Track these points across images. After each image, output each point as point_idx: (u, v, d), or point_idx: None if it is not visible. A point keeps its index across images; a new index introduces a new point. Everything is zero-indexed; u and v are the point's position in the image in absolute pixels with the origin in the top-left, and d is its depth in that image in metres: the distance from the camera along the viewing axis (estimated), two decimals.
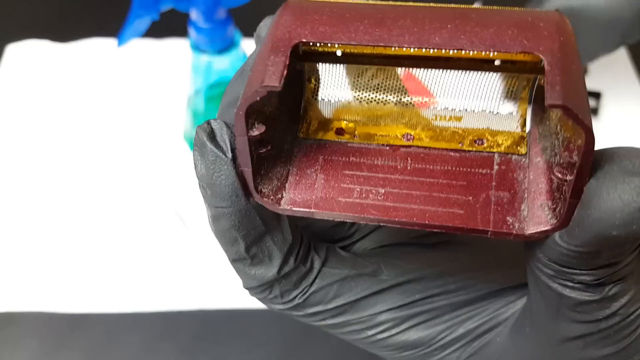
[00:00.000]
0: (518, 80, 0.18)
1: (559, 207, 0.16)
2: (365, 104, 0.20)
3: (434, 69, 0.18)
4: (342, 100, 0.20)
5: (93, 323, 0.48)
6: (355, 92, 0.20)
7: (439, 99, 0.19)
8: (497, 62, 0.18)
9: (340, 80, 0.20)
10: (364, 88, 0.20)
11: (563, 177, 0.16)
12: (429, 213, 0.17)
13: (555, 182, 0.16)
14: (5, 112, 0.61)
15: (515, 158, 0.18)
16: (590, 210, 0.15)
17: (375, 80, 0.19)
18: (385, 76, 0.19)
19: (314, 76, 0.20)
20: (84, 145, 0.58)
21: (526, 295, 0.21)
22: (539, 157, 0.18)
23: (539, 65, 0.17)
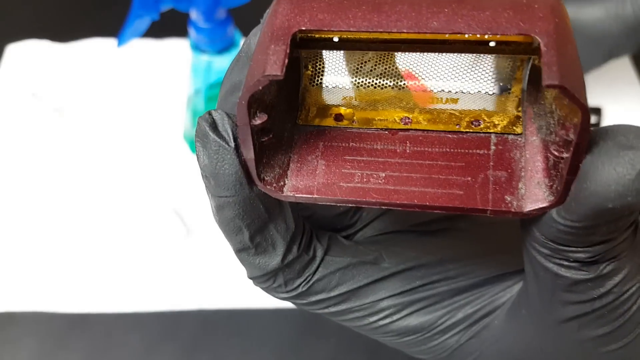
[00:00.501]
0: (512, 61, 0.18)
1: (555, 184, 0.16)
2: (363, 89, 0.20)
3: (430, 52, 0.18)
4: (340, 86, 0.20)
5: (93, 323, 0.48)
6: (352, 78, 0.20)
7: (435, 82, 0.19)
8: (492, 44, 0.18)
9: (337, 66, 0.20)
10: (361, 73, 0.20)
11: (559, 155, 0.16)
12: (429, 195, 0.17)
13: (552, 160, 0.17)
14: (5, 112, 0.61)
15: (511, 138, 0.18)
16: (587, 183, 0.15)
17: (372, 65, 0.20)
18: (381, 61, 0.19)
19: (310, 63, 0.20)
20: (84, 145, 0.58)
21: (522, 280, 0.21)
22: (535, 136, 0.18)
23: (533, 46, 0.17)
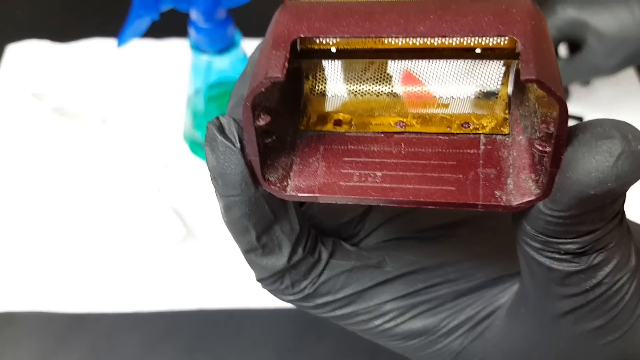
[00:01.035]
0: (498, 67, 0.20)
1: (541, 178, 0.17)
2: (360, 96, 0.21)
3: (421, 60, 0.20)
4: (338, 95, 0.21)
5: (93, 323, 0.48)
6: (349, 86, 0.21)
7: (427, 88, 0.21)
8: (478, 51, 0.19)
9: (335, 75, 0.21)
10: (358, 82, 0.21)
11: (543, 149, 0.17)
12: (424, 191, 0.18)
13: (537, 156, 0.18)
14: (5, 112, 0.61)
15: (499, 138, 0.20)
16: (569, 173, 0.16)
17: (367, 74, 0.21)
18: (376, 70, 0.21)
19: (311, 73, 0.21)
20: (84, 145, 0.58)
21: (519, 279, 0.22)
22: (521, 136, 0.19)
23: (516, 51, 0.19)
